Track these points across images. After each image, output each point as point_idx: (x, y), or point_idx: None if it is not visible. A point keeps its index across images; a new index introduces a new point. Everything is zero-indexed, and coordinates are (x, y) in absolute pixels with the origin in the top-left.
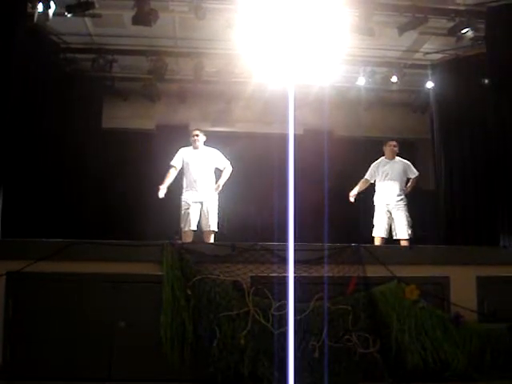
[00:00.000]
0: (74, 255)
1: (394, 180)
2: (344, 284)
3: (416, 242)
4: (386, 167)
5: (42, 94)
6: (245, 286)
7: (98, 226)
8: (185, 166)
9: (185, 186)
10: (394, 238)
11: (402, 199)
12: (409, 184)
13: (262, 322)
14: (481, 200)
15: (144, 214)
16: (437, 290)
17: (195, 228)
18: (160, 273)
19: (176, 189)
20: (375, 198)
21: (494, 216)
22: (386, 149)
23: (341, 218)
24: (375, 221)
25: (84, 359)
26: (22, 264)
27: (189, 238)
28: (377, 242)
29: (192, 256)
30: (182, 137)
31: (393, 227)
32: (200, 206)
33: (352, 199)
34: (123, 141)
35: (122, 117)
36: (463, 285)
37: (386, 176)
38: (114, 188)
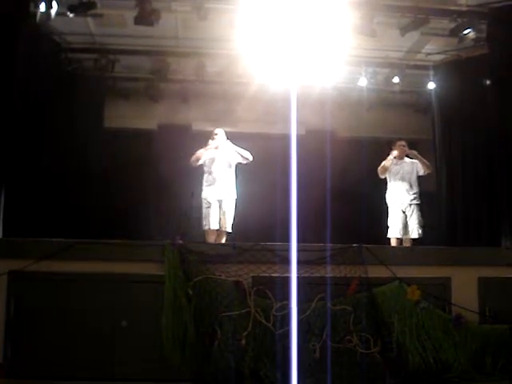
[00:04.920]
0: (76, 255)
1: (405, 180)
2: (345, 284)
3: (417, 242)
4: (396, 167)
5: (44, 94)
6: (246, 286)
7: (99, 225)
8: (205, 164)
9: (205, 183)
10: (404, 236)
11: (415, 198)
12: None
13: (263, 322)
14: (482, 201)
15: (146, 214)
16: (438, 291)
17: (217, 227)
18: (162, 273)
19: (179, 192)
20: (388, 198)
21: (495, 217)
22: (396, 149)
23: (343, 219)
24: (390, 221)
25: (86, 358)
26: (24, 263)
27: (211, 238)
28: (393, 243)
29: (193, 256)
30: (183, 137)
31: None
32: (219, 204)
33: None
34: (125, 140)
35: (123, 116)
36: (465, 286)
37: (396, 175)
38: (116, 187)
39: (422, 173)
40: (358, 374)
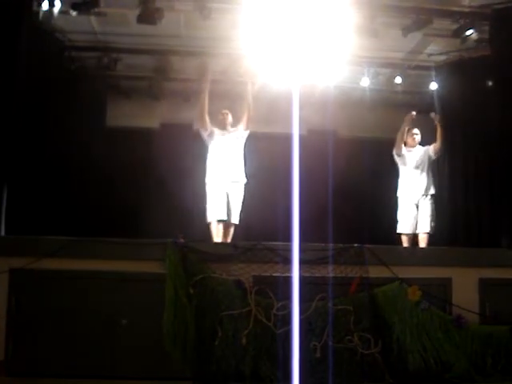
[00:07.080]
0: (78, 253)
1: (419, 169)
2: (346, 284)
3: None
4: (409, 155)
5: (47, 92)
6: (247, 285)
7: (101, 223)
8: (211, 146)
9: (209, 170)
10: (416, 231)
11: (429, 188)
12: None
13: (264, 321)
14: (484, 202)
15: (147, 213)
16: (439, 292)
17: (225, 218)
18: (163, 271)
19: (181, 190)
20: (400, 190)
21: (496, 218)
22: (408, 137)
23: (345, 218)
24: (400, 215)
25: (86, 356)
26: (26, 261)
27: (218, 230)
28: (404, 240)
29: (195, 255)
30: (185, 135)
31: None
32: (225, 192)
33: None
34: (127, 139)
35: (126, 115)
36: (465, 286)
37: (410, 164)
38: (118, 186)
39: (434, 155)
40: (359, 373)
